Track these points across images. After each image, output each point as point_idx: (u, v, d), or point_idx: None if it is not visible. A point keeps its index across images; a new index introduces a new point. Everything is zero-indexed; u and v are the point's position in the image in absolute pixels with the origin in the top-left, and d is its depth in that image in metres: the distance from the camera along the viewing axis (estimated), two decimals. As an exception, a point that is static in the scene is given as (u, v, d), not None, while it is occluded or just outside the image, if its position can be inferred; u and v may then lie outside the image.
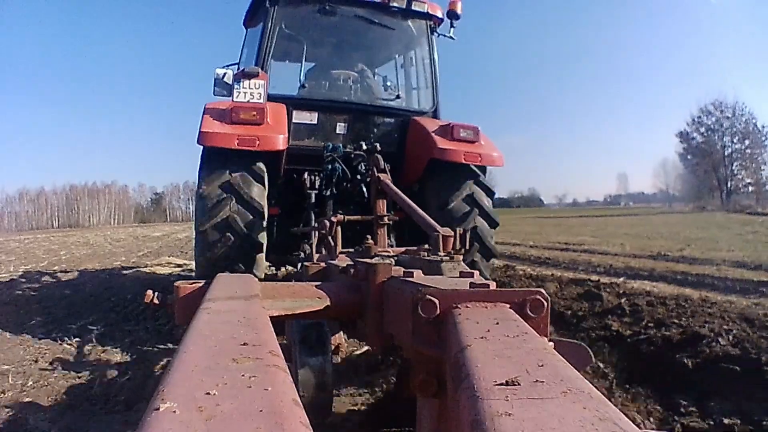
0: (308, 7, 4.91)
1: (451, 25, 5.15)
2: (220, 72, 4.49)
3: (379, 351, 3.09)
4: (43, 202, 68.72)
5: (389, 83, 5.52)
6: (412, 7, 5.02)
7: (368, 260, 2.12)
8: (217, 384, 0.76)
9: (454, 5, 5.07)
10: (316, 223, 3.37)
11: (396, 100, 5.31)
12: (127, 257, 12.72)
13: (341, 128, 4.87)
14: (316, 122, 4.78)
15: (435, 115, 5.15)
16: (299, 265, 3.53)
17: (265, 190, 4.11)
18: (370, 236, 3.16)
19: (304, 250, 3.91)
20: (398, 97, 5.33)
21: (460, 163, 4.49)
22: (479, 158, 4.56)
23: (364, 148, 4.47)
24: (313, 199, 4.52)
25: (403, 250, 2.97)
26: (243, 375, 0.81)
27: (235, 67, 5.00)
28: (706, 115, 57.09)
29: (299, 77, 5.00)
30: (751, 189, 55.61)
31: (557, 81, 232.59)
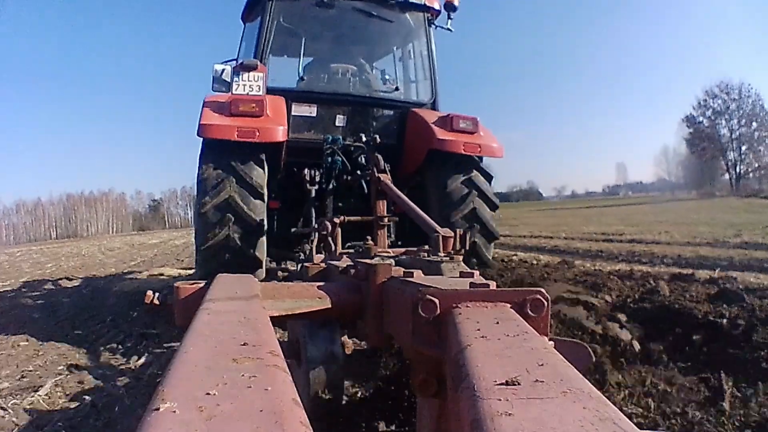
0: (306, 0, 4.91)
1: (449, 17, 5.16)
2: (218, 68, 4.49)
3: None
4: (41, 212, 66.97)
5: (388, 76, 5.52)
6: (410, 0, 5.03)
7: (368, 261, 2.13)
8: (217, 384, 0.76)
9: None
10: (317, 224, 3.37)
11: (395, 92, 5.31)
12: (117, 268, 11.87)
13: (341, 120, 4.87)
14: (315, 115, 4.78)
15: (434, 106, 5.16)
16: (299, 266, 3.53)
17: (265, 175, 4.08)
18: (370, 237, 3.16)
19: (305, 250, 3.91)
20: (397, 89, 5.33)
21: (459, 154, 4.49)
22: (479, 149, 4.56)
23: (363, 140, 4.47)
24: (313, 194, 4.52)
25: (403, 250, 2.98)
26: (243, 375, 0.81)
27: (233, 62, 4.99)
28: (712, 98, 56.55)
29: (298, 71, 4.99)
30: (762, 173, 54.83)
31: (552, 75, 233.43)
